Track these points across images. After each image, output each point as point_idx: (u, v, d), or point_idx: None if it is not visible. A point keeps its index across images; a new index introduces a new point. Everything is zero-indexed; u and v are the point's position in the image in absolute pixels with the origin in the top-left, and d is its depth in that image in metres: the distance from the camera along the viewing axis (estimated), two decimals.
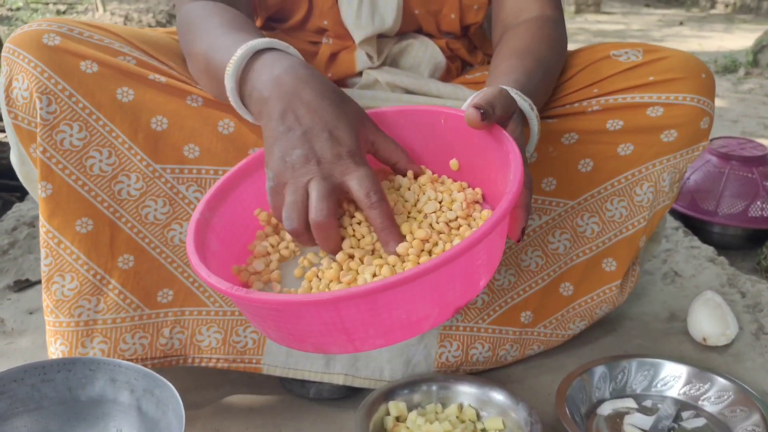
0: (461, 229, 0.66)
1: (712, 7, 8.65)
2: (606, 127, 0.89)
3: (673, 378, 0.90)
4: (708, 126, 0.92)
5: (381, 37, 0.97)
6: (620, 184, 0.92)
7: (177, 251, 0.85)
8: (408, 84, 0.94)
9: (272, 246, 0.71)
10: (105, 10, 5.85)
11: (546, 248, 0.93)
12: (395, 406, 0.84)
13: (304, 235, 0.64)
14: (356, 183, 0.62)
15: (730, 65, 3.94)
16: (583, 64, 0.92)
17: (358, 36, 0.93)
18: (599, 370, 0.90)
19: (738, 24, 6.93)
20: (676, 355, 1.00)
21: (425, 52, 0.99)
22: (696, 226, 1.41)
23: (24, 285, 1.20)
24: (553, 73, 0.87)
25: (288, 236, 0.71)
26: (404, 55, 0.99)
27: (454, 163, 0.72)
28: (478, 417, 0.85)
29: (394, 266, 0.62)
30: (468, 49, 1.05)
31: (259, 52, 0.71)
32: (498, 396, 0.85)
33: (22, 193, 1.61)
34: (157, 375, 0.76)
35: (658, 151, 0.91)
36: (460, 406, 0.86)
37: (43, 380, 0.77)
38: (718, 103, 3.01)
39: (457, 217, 0.66)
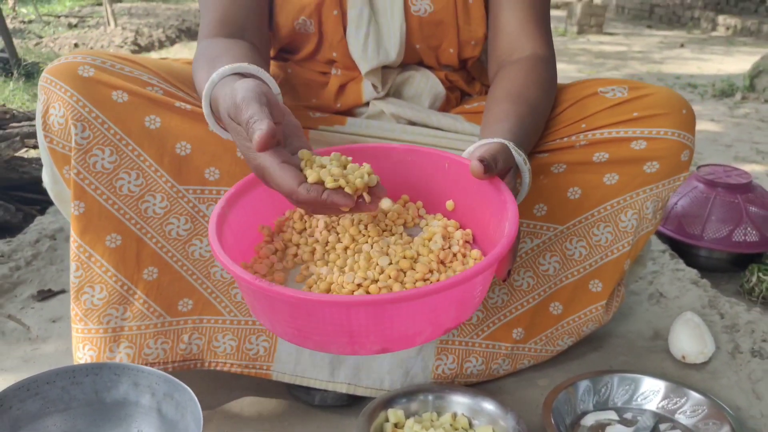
0: (454, 263, 0.74)
1: (714, 29, 8.75)
2: (593, 159, 0.97)
3: (652, 392, 0.97)
4: (688, 158, 0.99)
5: (385, 69, 1.05)
6: (606, 211, 0.99)
7: (197, 264, 0.92)
8: (411, 116, 1.02)
9: (276, 252, 0.78)
10: (116, 25, 5.95)
11: (537, 269, 1.01)
12: (394, 414, 0.91)
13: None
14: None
15: (727, 89, 4.00)
16: (572, 100, 1.00)
17: (364, 67, 1.01)
18: (584, 384, 0.97)
19: (738, 46, 7.00)
20: (658, 372, 1.07)
21: (426, 84, 1.07)
22: (683, 249, 1.48)
23: (47, 295, 1.27)
24: (544, 113, 0.95)
25: (292, 253, 0.78)
26: (407, 85, 1.07)
27: (450, 204, 0.80)
28: (471, 425, 0.92)
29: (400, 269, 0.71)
30: (466, 81, 1.12)
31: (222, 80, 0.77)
32: (489, 406, 0.92)
33: (41, 206, 1.69)
34: (177, 380, 0.83)
35: (641, 181, 0.98)
36: (454, 415, 0.93)
37: (72, 383, 0.84)
38: (714, 127, 3.08)
39: (456, 254, 0.74)
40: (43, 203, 1.71)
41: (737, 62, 5.52)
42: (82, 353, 0.91)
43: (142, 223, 0.89)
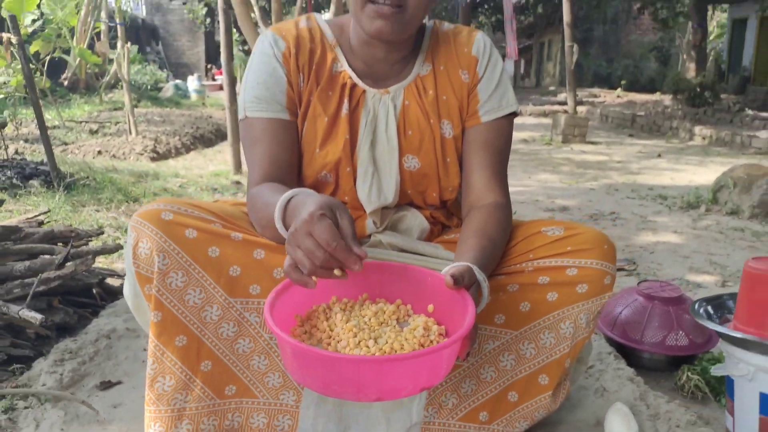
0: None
1: (691, 139, 9.31)
2: (538, 282, 1.29)
3: None
4: (611, 282, 1.31)
5: (384, 209, 1.39)
6: (549, 321, 1.30)
7: (240, 358, 1.22)
8: (402, 245, 1.35)
9: (306, 332, 1.08)
10: (137, 133, 6.43)
11: (498, 365, 1.31)
12: None
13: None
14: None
15: (693, 202, 4.36)
16: (522, 236, 1.32)
17: (368, 208, 1.35)
18: None
19: (713, 156, 7.42)
20: None
21: (415, 221, 1.41)
22: (628, 351, 1.78)
23: (107, 385, 1.56)
24: (501, 246, 1.28)
25: (317, 334, 1.07)
26: (400, 222, 1.41)
27: (430, 307, 1.11)
28: None
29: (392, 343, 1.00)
30: (446, 216, 1.46)
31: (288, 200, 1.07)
32: None
33: (93, 309, 2.00)
34: None
35: (575, 299, 1.28)
36: None
37: None
38: (676, 239, 3.41)
39: (432, 341, 1.05)
40: (93, 306, 2.02)
41: (709, 173, 5.86)
42: (153, 430, 1.19)
43: (202, 327, 1.20)
